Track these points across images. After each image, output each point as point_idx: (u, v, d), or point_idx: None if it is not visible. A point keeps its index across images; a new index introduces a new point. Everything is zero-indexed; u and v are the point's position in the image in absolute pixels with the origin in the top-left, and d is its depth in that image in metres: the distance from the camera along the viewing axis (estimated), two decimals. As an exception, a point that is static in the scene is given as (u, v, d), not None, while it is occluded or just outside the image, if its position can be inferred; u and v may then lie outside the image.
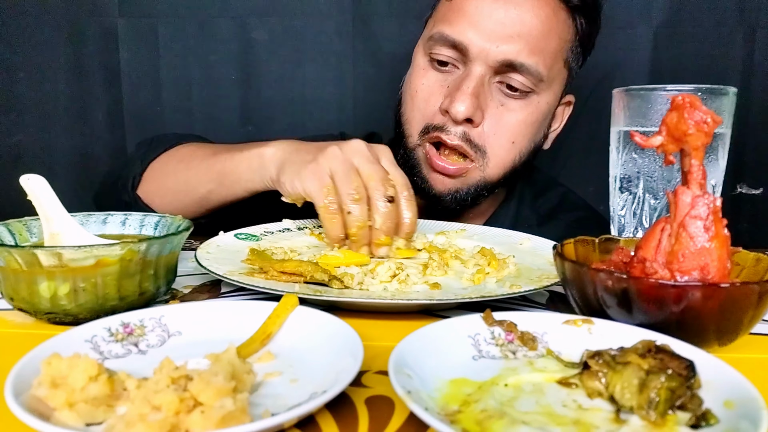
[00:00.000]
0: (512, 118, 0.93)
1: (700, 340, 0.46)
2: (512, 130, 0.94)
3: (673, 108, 0.49)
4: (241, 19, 1.43)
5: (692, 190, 0.50)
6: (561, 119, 1.07)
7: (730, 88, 0.70)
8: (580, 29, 0.96)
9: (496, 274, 0.69)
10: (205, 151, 0.93)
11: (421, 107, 0.96)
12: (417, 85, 0.97)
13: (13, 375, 0.38)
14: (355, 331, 0.47)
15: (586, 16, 0.96)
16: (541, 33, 0.90)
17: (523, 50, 0.89)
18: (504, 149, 0.95)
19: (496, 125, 0.93)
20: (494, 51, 0.88)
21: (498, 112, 0.93)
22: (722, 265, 0.49)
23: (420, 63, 0.98)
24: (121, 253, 0.53)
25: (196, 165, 0.92)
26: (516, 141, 0.95)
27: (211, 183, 0.89)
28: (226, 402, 0.35)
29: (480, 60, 0.90)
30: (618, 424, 0.38)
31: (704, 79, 1.17)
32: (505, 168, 0.97)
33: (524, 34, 0.89)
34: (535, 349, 0.48)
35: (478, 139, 0.93)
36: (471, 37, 0.89)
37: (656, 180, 0.72)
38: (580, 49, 0.99)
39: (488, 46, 0.88)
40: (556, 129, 1.07)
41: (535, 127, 0.97)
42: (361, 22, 1.42)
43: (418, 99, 0.96)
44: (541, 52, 0.90)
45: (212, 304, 0.53)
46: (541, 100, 0.95)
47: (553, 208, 1.12)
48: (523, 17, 0.89)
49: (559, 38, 0.93)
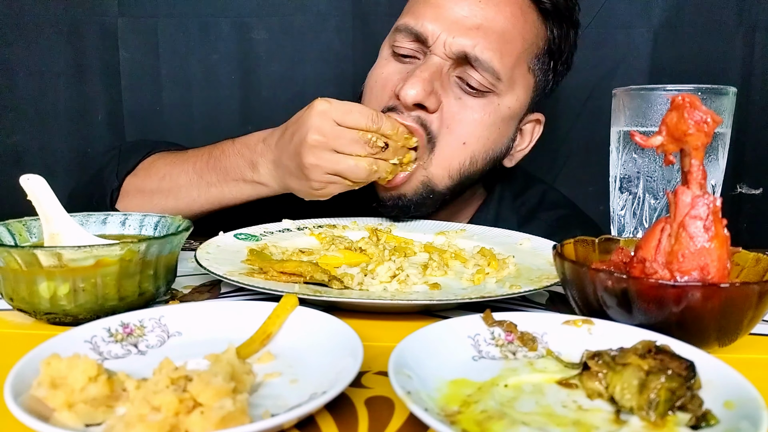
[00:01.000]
0: (468, 115, 0.89)
1: (700, 340, 0.46)
2: (466, 128, 0.89)
3: (673, 108, 0.49)
4: (241, 19, 1.42)
5: (692, 190, 0.50)
6: (530, 138, 1.02)
7: (730, 88, 0.70)
8: (550, 37, 0.94)
9: (496, 274, 0.69)
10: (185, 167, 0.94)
11: (378, 94, 0.92)
12: (377, 75, 0.94)
13: (13, 375, 0.38)
14: (355, 332, 0.47)
15: (558, 24, 0.94)
16: (503, 30, 0.88)
17: (479, 44, 0.86)
18: (452, 147, 0.90)
19: (450, 118, 0.89)
20: (450, 41, 0.87)
21: (455, 104, 0.89)
22: (722, 265, 0.49)
23: (383, 54, 0.96)
24: (120, 253, 0.53)
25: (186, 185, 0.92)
26: (468, 143, 0.90)
27: (209, 206, 0.92)
28: (225, 403, 0.35)
29: (438, 50, 0.88)
30: (618, 424, 0.38)
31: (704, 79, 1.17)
32: (451, 170, 0.91)
33: (484, 28, 0.87)
34: (535, 349, 0.48)
35: (434, 126, 0.88)
36: (431, 27, 0.88)
37: (656, 180, 0.72)
38: (548, 60, 0.96)
39: (445, 36, 0.87)
40: (524, 149, 1.02)
41: (492, 132, 0.92)
42: (361, 22, 1.42)
43: (376, 87, 0.93)
44: (500, 50, 0.88)
45: (212, 304, 0.53)
46: (502, 103, 0.91)
47: (532, 208, 1.09)
48: (485, 12, 0.87)
49: (523, 39, 0.90)
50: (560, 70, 1.00)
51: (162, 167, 0.97)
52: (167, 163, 0.97)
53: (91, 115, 1.46)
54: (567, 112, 1.46)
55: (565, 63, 1.00)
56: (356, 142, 0.79)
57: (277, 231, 0.85)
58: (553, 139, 1.48)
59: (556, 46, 0.96)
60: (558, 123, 1.48)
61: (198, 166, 0.93)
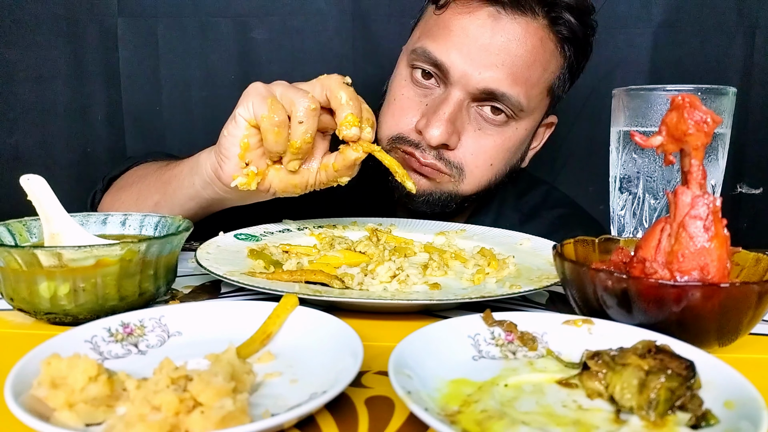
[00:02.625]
0: (489, 142, 0.93)
1: (700, 340, 0.46)
2: (489, 153, 0.94)
3: (673, 108, 0.49)
4: (241, 19, 1.42)
5: (692, 190, 0.50)
6: (541, 139, 1.06)
7: (730, 88, 0.70)
8: (569, 58, 0.95)
9: (496, 274, 0.69)
10: (160, 165, 0.92)
11: (396, 116, 0.95)
12: (396, 93, 0.96)
13: (13, 375, 0.38)
14: (355, 331, 0.47)
15: (576, 46, 0.95)
16: (525, 63, 0.88)
17: (505, 80, 0.87)
18: (481, 169, 0.95)
19: (473, 147, 0.92)
20: (476, 78, 0.87)
21: (476, 135, 0.92)
22: (722, 265, 0.49)
23: (402, 73, 0.97)
24: (121, 253, 0.53)
25: (149, 178, 0.90)
26: (494, 164, 0.95)
27: (157, 194, 0.85)
28: (225, 402, 0.35)
29: (461, 85, 0.88)
30: (618, 424, 0.38)
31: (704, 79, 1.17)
32: (480, 186, 0.97)
33: (508, 63, 0.87)
34: (535, 349, 0.48)
35: (455, 159, 0.92)
36: (453, 59, 0.88)
37: (656, 180, 0.72)
38: (567, 76, 0.98)
39: (470, 71, 0.87)
40: (535, 147, 1.06)
41: (512, 152, 0.97)
42: (361, 22, 1.42)
43: (394, 107, 0.96)
44: (524, 83, 0.89)
45: (212, 304, 0.53)
46: (520, 127, 0.94)
47: (535, 206, 1.12)
48: (508, 45, 0.87)
49: (543, 69, 0.91)
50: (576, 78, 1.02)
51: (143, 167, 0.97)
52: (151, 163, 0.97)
53: (91, 115, 1.46)
54: (567, 112, 1.46)
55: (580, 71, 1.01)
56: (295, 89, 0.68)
57: (277, 231, 0.85)
58: (553, 139, 1.48)
59: (575, 65, 0.97)
60: (558, 123, 1.48)
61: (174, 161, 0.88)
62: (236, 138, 0.69)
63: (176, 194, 0.82)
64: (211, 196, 0.77)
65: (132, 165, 1.00)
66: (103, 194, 0.99)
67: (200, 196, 0.78)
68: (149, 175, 0.91)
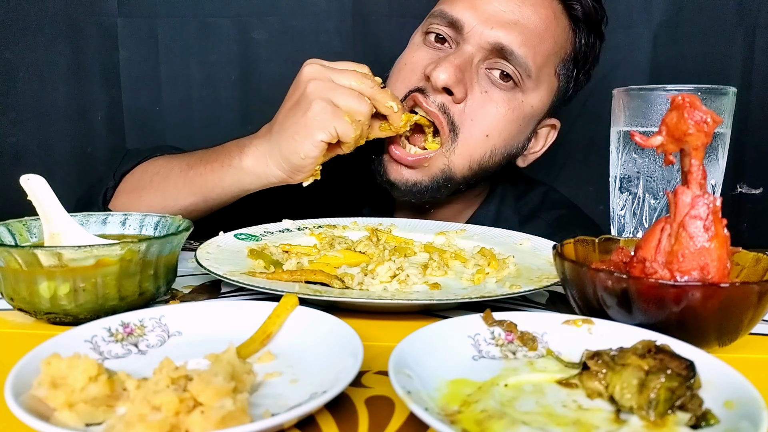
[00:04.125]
0: (493, 108, 0.91)
1: (700, 340, 0.46)
2: (490, 121, 0.92)
3: (673, 108, 0.49)
4: (241, 19, 1.42)
5: (692, 190, 0.50)
6: (544, 142, 1.05)
7: (730, 88, 0.70)
8: (578, 44, 0.96)
9: (496, 274, 0.69)
10: (179, 163, 0.92)
11: (406, 76, 0.94)
12: (407, 58, 0.96)
13: (13, 375, 0.38)
14: (355, 331, 0.47)
15: (586, 33, 0.96)
16: (537, 29, 0.90)
17: (516, 39, 0.89)
18: (475, 138, 0.92)
19: (476, 110, 0.91)
20: (487, 32, 0.89)
21: (481, 97, 0.91)
22: (722, 265, 0.49)
23: (415, 41, 0.98)
24: (121, 253, 0.53)
25: (174, 177, 0.90)
26: (490, 135, 0.92)
27: (193, 197, 0.88)
28: (226, 402, 0.35)
29: (473, 40, 0.89)
30: (618, 424, 0.38)
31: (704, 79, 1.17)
32: (471, 161, 0.93)
33: (520, 24, 0.89)
34: (535, 349, 0.48)
35: (456, 116, 0.90)
36: (468, 16, 0.90)
37: (656, 180, 0.72)
38: (573, 66, 0.98)
39: (482, 27, 0.89)
40: (537, 151, 1.05)
41: (513, 127, 0.94)
42: (361, 22, 1.42)
43: (405, 70, 0.95)
44: (534, 48, 0.90)
45: (212, 304, 0.53)
46: (526, 100, 0.93)
47: (534, 207, 1.11)
48: (522, 10, 0.90)
49: (554, 41, 0.93)
50: (581, 80, 1.02)
51: (159, 164, 0.96)
52: (166, 160, 0.96)
53: (91, 115, 1.46)
54: (567, 112, 1.46)
55: (587, 73, 1.02)
56: (351, 72, 0.81)
57: (277, 231, 0.85)
58: (552, 139, 1.48)
59: (582, 54, 0.98)
60: (558, 123, 1.48)
61: (193, 158, 0.91)
62: (315, 159, 0.78)
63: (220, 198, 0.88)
64: (260, 188, 0.86)
65: (142, 160, 0.99)
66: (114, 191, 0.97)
67: (247, 191, 0.87)
68: (172, 175, 0.91)
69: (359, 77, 0.80)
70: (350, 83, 0.79)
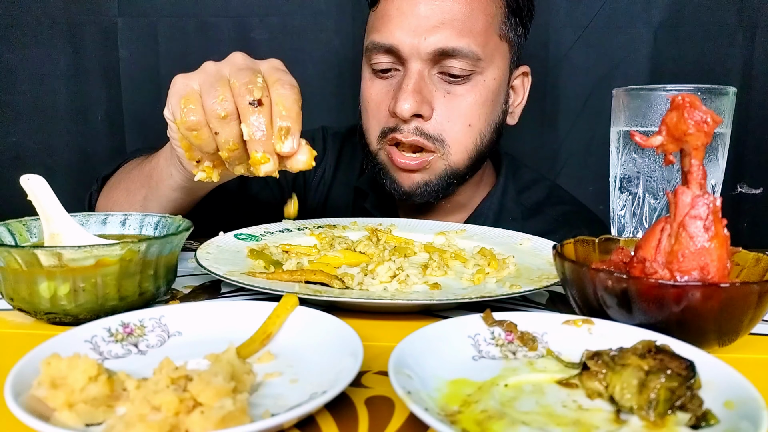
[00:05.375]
0: (462, 102, 0.94)
1: (700, 340, 0.46)
2: (465, 113, 0.94)
3: (673, 108, 0.49)
4: (241, 19, 1.43)
5: (692, 190, 0.50)
6: (523, 92, 1.07)
7: (730, 88, 0.70)
8: (506, 1, 0.97)
9: (496, 274, 0.69)
10: (142, 158, 0.91)
11: (374, 114, 0.98)
12: (367, 95, 0.99)
13: (13, 375, 0.38)
14: (355, 331, 0.47)
15: None
16: (464, 15, 0.90)
17: (451, 35, 0.89)
18: (461, 133, 0.95)
19: (448, 113, 0.93)
20: (423, 44, 0.90)
21: (446, 100, 0.93)
22: (722, 265, 0.49)
23: (366, 75, 1.00)
24: (121, 253, 0.53)
25: (133, 173, 0.91)
26: (472, 123, 0.95)
27: (143, 188, 0.85)
28: (225, 402, 0.35)
29: (414, 56, 0.91)
30: (618, 424, 0.38)
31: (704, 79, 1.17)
32: (468, 151, 0.97)
33: (448, 20, 0.90)
34: (535, 349, 0.48)
35: (433, 130, 0.93)
36: (399, 37, 0.91)
37: (656, 180, 0.72)
38: (515, 19, 0.99)
39: (416, 41, 0.90)
40: (521, 102, 1.07)
41: (488, 107, 0.97)
42: (362, 22, 1.42)
43: (370, 107, 0.98)
44: (470, 33, 0.91)
45: (212, 304, 0.53)
46: (487, 78, 0.95)
47: (539, 202, 1.12)
48: (442, 5, 0.90)
49: (485, 15, 0.93)
50: (526, 20, 1.02)
51: (129, 163, 0.97)
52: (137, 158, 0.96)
53: (91, 115, 1.46)
54: (567, 112, 1.46)
55: (528, 12, 1.01)
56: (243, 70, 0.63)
57: (277, 231, 0.85)
58: (553, 139, 1.48)
59: (516, 4, 0.98)
60: (558, 123, 1.48)
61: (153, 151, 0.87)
62: (175, 140, 0.68)
63: (160, 187, 0.81)
64: (191, 184, 0.77)
65: (122, 162, 1.00)
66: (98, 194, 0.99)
67: (181, 186, 0.79)
68: (133, 170, 0.91)
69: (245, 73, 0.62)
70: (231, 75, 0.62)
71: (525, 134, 1.42)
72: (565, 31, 1.41)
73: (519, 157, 1.19)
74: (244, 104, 0.59)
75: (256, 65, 0.65)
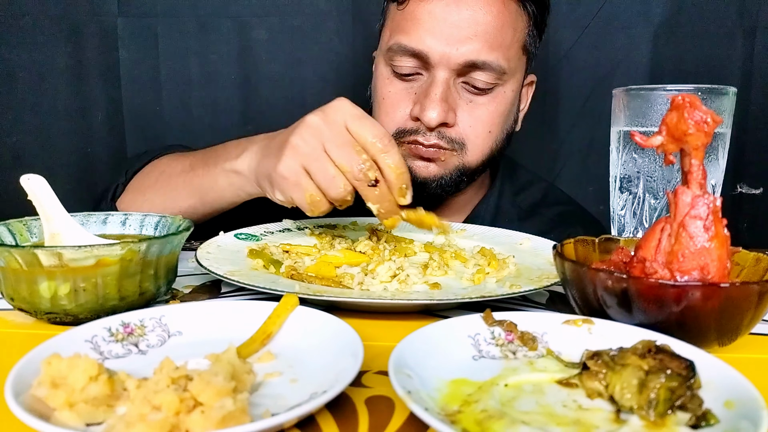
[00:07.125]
0: (483, 111, 0.95)
1: (700, 340, 0.46)
2: (486, 121, 0.96)
3: (673, 108, 0.49)
4: (241, 19, 1.42)
5: (692, 190, 0.50)
6: (526, 99, 1.08)
7: (730, 88, 0.70)
8: (532, 15, 0.97)
9: (496, 274, 0.69)
10: (182, 163, 0.92)
11: (390, 113, 0.96)
12: (384, 93, 0.98)
13: (13, 375, 0.38)
14: (355, 331, 0.47)
15: (535, 2, 0.97)
16: (495, 28, 0.90)
17: (482, 49, 0.89)
18: (481, 138, 0.96)
19: (470, 119, 0.94)
20: (455, 54, 0.89)
21: (469, 107, 0.94)
22: (722, 265, 0.49)
23: (383, 73, 0.98)
24: (121, 253, 0.53)
25: (176, 178, 0.90)
26: (492, 130, 0.97)
27: (191, 199, 0.87)
28: (226, 402, 0.35)
29: (442, 65, 0.90)
30: (618, 424, 0.38)
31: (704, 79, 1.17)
32: (484, 155, 0.98)
33: (480, 32, 0.89)
34: (535, 349, 0.48)
35: (456, 135, 0.94)
36: (430, 44, 0.90)
37: (656, 180, 0.72)
38: (535, 32, 0.99)
39: (448, 50, 0.89)
40: (523, 109, 1.08)
41: (505, 116, 0.99)
42: (361, 22, 1.42)
43: (386, 105, 0.97)
44: (500, 47, 0.91)
45: (212, 304, 0.53)
46: (507, 90, 0.96)
47: (535, 203, 1.12)
48: (476, 16, 0.89)
49: (513, 30, 0.93)
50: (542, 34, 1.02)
51: (164, 162, 0.96)
52: (172, 159, 0.97)
53: (91, 115, 1.46)
54: (567, 112, 1.46)
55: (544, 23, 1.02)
56: (348, 151, 0.65)
57: (277, 231, 0.85)
58: (553, 139, 1.48)
59: (539, 19, 0.98)
60: (558, 123, 1.48)
61: (195, 158, 0.90)
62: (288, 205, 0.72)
63: (216, 203, 0.86)
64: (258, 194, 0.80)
65: (152, 159, 0.99)
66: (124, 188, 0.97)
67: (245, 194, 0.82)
68: (174, 177, 0.91)
69: (354, 157, 0.65)
70: (340, 159, 0.65)
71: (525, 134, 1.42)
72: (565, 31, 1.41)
73: (519, 158, 1.20)
74: (364, 188, 0.66)
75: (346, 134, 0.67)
